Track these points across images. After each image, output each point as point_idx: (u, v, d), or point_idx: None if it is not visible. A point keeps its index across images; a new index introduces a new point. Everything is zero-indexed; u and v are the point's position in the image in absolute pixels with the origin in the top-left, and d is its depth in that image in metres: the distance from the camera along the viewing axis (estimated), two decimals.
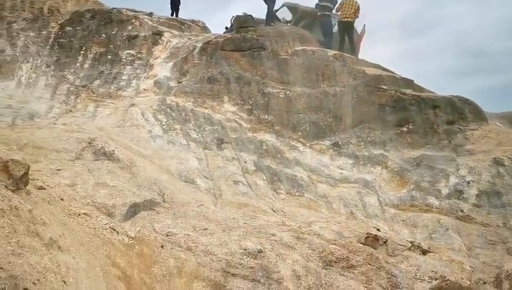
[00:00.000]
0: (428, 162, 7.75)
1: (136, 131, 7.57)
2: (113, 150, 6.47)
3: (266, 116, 8.72)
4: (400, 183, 7.64)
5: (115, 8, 11.46)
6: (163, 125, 7.90)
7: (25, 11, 11.02)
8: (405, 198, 7.33)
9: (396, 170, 7.81)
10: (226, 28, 12.73)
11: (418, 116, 8.42)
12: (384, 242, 5.75)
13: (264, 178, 7.45)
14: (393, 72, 9.63)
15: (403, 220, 6.93)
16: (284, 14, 13.18)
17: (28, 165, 3.91)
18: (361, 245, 5.51)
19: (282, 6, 13.21)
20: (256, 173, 7.49)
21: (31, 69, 9.38)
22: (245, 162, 7.65)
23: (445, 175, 7.55)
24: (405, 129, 8.38)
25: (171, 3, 14.44)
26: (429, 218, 6.93)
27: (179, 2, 14.42)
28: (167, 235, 4.99)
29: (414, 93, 8.83)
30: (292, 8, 13.09)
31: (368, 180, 7.60)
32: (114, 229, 4.57)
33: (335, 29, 11.72)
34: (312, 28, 12.26)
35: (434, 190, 7.37)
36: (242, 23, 10.79)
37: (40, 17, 10.92)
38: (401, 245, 5.85)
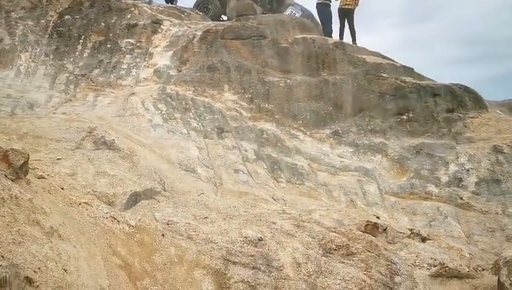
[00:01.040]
0: (428, 150, 7.76)
1: (136, 120, 7.57)
2: (114, 139, 6.46)
3: (266, 105, 8.71)
4: (399, 171, 7.66)
5: None
6: (164, 114, 7.89)
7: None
8: (405, 186, 7.35)
9: (396, 158, 7.82)
10: None
11: (418, 104, 8.41)
12: (384, 230, 5.78)
13: (265, 167, 7.47)
14: (393, 60, 9.60)
15: (402, 208, 6.97)
16: None
17: (28, 155, 3.91)
18: (361, 233, 5.54)
19: None
20: (257, 162, 7.51)
21: (30, 58, 9.35)
22: (245, 150, 7.66)
23: (445, 163, 7.57)
24: (405, 117, 8.37)
25: None
26: (429, 206, 6.97)
27: None
28: (168, 224, 5.02)
29: (414, 81, 8.80)
30: None
31: (368, 169, 7.62)
32: (115, 218, 4.59)
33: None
34: (276, 12, 12.64)
35: (433, 177, 7.39)
36: (243, 11, 10.73)
37: (39, 5, 10.83)
38: (400, 233, 5.89)
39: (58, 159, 5.52)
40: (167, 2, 13.77)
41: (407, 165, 7.66)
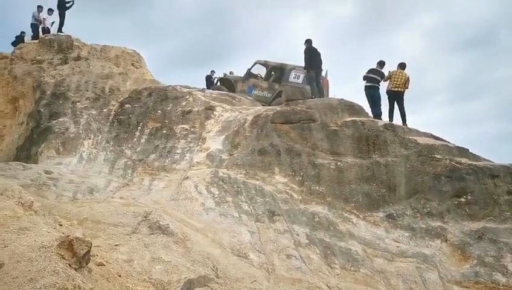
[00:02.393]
0: (491, 236, 7.32)
1: (189, 204, 7.72)
2: (168, 224, 6.58)
3: (317, 188, 8.67)
4: (461, 258, 7.23)
5: (170, 86, 12.15)
6: (216, 197, 8.01)
7: (88, 91, 11.89)
8: (468, 274, 6.90)
9: (456, 243, 7.42)
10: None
11: (476, 186, 8.08)
12: None
13: (318, 252, 7.29)
14: (446, 141, 9.44)
15: None
16: (258, 70, 14.88)
17: (91, 243, 4.04)
18: None
19: (255, 64, 14.91)
20: (309, 247, 7.35)
21: (92, 145, 9.94)
22: (297, 234, 7.55)
23: (511, 249, 7.10)
24: (463, 200, 8.02)
25: (207, 82, 17.14)
26: None
27: (213, 79, 17.24)
28: None
29: (470, 162, 8.54)
30: (263, 64, 14.82)
31: (426, 255, 7.26)
32: None
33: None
34: (281, 80, 13.96)
35: (499, 265, 6.91)
36: (292, 96, 11.09)
37: (102, 96, 11.73)
38: None
39: (116, 245, 5.65)
40: (208, 87, 14.97)
41: (469, 252, 7.24)
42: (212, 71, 18.01)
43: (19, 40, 15.77)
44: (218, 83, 15.44)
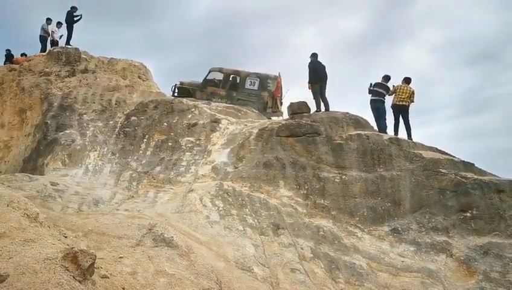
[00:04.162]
0: (497, 251, 7.28)
1: (194, 217, 7.73)
2: (172, 237, 6.58)
3: (322, 201, 8.66)
4: (467, 273, 7.18)
5: (176, 98, 12.22)
6: (220, 210, 8.02)
7: (94, 103, 12.00)
8: None
9: (462, 258, 7.38)
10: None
11: (482, 201, 8.05)
12: None
13: (322, 266, 7.26)
14: (451, 155, 9.41)
15: None
16: (215, 76, 14.96)
17: (95, 256, 4.06)
18: None
19: (210, 71, 14.98)
20: (314, 260, 7.33)
21: (98, 157, 9.99)
22: (302, 248, 7.53)
23: None
24: (469, 215, 7.99)
25: None
26: None
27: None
28: None
29: (476, 177, 8.52)
30: (218, 71, 14.97)
31: (432, 269, 7.22)
32: None
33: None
34: (237, 88, 14.37)
35: (505, 281, 6.86)
36: (297, 109, 11.10)
37: (108, 108, 11.82)
38: None
39: (120, 257, 5.65)
40: (173, 95, 14.79)
41: (474, 267, 7.19)
42: None
43: (7, 57, 16.10)
44: (176, 91, 15.17)
